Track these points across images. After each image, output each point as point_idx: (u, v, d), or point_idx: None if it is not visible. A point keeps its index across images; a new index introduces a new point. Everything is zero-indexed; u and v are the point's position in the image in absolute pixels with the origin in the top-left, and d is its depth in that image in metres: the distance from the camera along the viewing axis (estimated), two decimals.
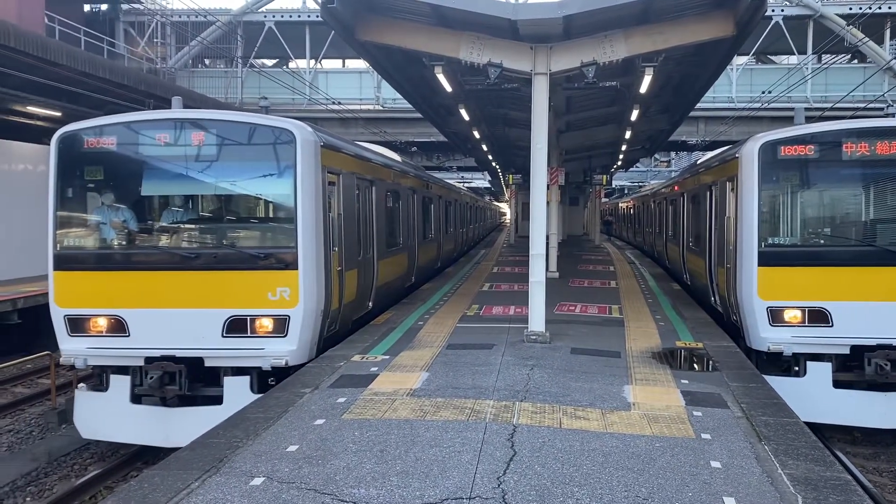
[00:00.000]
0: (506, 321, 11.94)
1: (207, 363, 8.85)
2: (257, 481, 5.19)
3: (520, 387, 7.70)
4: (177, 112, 9.41)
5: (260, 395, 7.83)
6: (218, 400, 8.73)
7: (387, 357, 9.22)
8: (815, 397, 9.48)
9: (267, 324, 8.83)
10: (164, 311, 8.87)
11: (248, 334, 8.84)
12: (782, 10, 29.91)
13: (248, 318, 8.83)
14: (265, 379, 8.76)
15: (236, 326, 8.84)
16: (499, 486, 5.09)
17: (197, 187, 9.35)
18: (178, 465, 5.56)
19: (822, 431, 9.45)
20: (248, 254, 8.91)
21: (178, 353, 8.75)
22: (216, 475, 5.31)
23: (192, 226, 9.49)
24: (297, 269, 8.78)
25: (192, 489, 5.06)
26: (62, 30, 24.89)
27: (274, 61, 38.71)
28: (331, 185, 9.94)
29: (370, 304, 12.27)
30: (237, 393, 8.58)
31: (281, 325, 8.80)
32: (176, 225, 9.42)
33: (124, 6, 32.51)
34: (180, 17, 31.81)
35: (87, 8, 32.13)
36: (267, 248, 9.05)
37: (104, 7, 32.65)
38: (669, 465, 5.51)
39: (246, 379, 8.76)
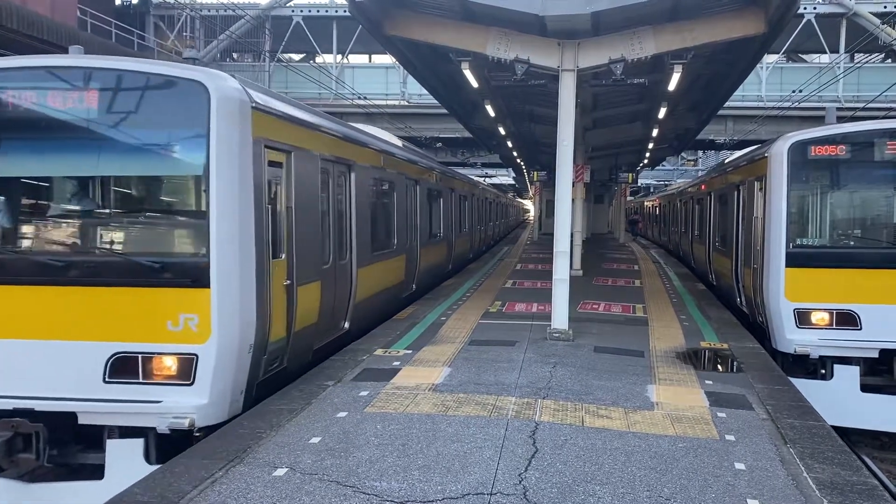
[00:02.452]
0: (528, 318, 11.92)
1: (82, 420, 6.31)
2: (280, 472, 5.24)
3: (542, 384, 7.68)
4: (35, 59, 6.95)
5: (159, 467, 5.64)
6: (99, 472, 6.31)
7: (409, 352, 9.24)
8: (842, 401, 9.35)
9: (169, 365, 6.33)
10: (22, 344, 6.35)
11: (140, 380, 6.32)
12: (815, 8, 29.47)
13: (140, 356, 6.33)
14: (170, 443, 6.26)
15: (123, 368, 6.33)
16: (520, 482, 5.09)
17: (68, 165, 6.70)
18: (202, 454, 5.62)
19: (848, 436, 9.32)
20: (139, 263, 6.35)
21: (39, 406, 6.21)
22: (240, 465, 5.37)
23: (63, 221, 6.89)
24: (208, 285, 6.26)
25: (216, 478, 5.12)
26: (94, 23, 25.26)
27: (301, 56, 38.94)
28: (274, 165, 7.37)
29: (346, 324, 9.82)
30: (125, 462, 6.20)
31: (186, 368, 6.30)
32: (39, 220, 6.86)
33: (155, 0, 32.85)
34: (209, 11, 32.09)
35: (118, 1, 32.52)
36: (166, 256, 6.50)
37: (135, 1, 33.01)
38: (692, 465, 5.47)
39: (139, 443, 6.29)
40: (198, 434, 6.25)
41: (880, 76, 28.66)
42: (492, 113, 16.76)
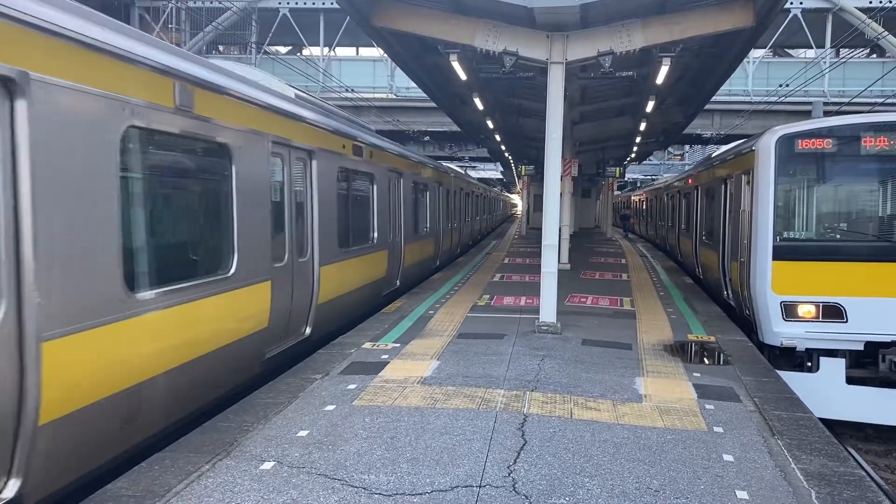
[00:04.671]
0: (517, 311, 11.91)
1: None
2: (267, 466, 5.19)
3: (530, 377, 7.67)
4: None
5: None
6: None
7: (397, 345, 9.21)
8: (828, 393, 9.42)
9: None
10: None
11: None
12: (801, 3, 29.58)
13: None
14: None
15: None
16: (509, 474, 5.07)
17: None
18: (188, 448, 5.56)
19: (833, 428, 9.38)
20: None
21: None
22: (226, 459, 5.32)
23: None
24: None
25: (202, 472, 5.06)
26: None
27: (288, 48, 38.71)
28: None
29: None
30: None
31: None
32: None
33: None
34: (195, 2, 31.81)
35: None
36: None
37: None
38: (681, 457, 5.47)
39: None
40: None
41: (865, 71, 28.87)
42: (480, 106, 16.72)
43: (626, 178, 58.86)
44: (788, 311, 9.71)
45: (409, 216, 15.16)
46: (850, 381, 9.51)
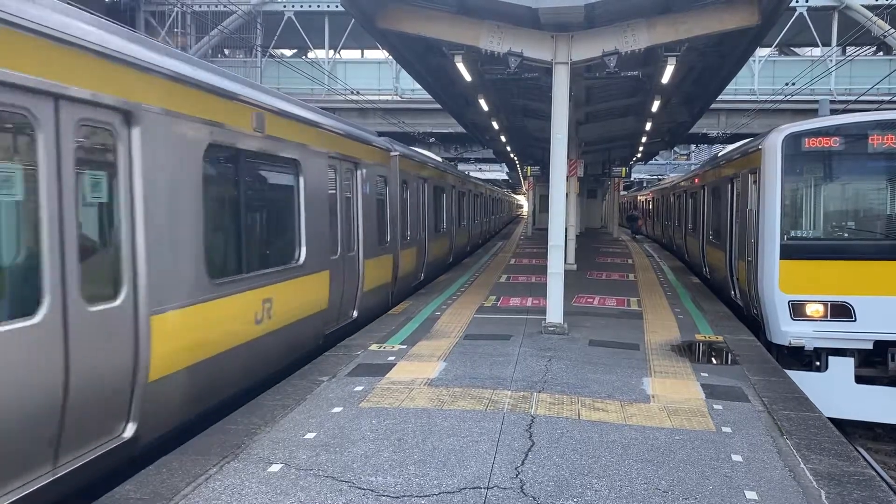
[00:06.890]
0: (523, 312, 11.89)
1: None
2: (275, 468, 5.19)
3: (538, 378, 7.66)
4: None
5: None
6: None
7: (404, 346, 9.21)
8: (837, 393, 9.37)
9: None
10: None
11: None
12: (806, 1, 29.46)
13: None
14: None
15: None
16: (517, 476, 5.06)
17: None
18: (196, 450, 5.57)
19: (842, 427, 9.33)
20: None
21: None
22: (234, 461, 5.32)
23: None
24: None
25: (210, 475, 5.07)
26: None
27: (293, 51, 38.78)
28: None
29: None
30: None
31: None
32: None
33: None
34: (201, 6, 31.90)
35: None
36: None
37: None
38: (689, 457, 5.45)
39: None
40: None
41: (872, 69, 28.71)
42: (485, 107, 16.71)
43: (632, 178, 58.72)
44: (796, 310, 9.67)
45: (396, 220, 12.30)
46: (859, 380, 9.46)
